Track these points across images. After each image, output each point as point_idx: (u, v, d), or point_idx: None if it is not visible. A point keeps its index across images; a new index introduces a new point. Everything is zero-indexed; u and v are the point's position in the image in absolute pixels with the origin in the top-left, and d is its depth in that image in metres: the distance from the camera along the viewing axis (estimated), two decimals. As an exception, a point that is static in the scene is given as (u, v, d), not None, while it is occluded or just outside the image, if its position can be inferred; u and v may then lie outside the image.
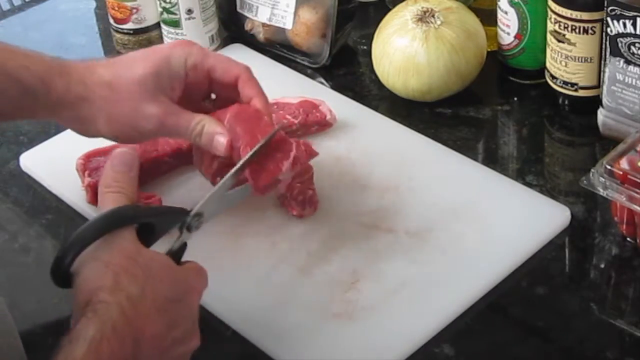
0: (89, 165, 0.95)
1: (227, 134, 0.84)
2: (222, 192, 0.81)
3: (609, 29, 0.95)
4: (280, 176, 0.86)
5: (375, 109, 1.08)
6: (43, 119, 0.88)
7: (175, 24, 1.16)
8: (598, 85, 1.01)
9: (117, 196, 0.73)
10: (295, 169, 0.87)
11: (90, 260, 0.68)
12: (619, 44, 0.95)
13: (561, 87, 1.04)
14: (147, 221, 0.72)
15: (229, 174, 0.81)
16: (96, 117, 0.84)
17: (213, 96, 0.90)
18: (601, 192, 0.85)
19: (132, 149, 0.79)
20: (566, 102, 1.05)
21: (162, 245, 0.75)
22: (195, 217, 0.77)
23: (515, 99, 1.10)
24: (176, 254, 0.75)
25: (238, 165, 0.82)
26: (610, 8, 0.93)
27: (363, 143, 1.01)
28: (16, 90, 0.82)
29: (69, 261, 0.68)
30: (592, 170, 0.85)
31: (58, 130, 1.03)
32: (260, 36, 1.20)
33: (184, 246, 0.76)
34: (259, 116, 0.86)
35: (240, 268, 0.87)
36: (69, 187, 0.97)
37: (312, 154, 0.88)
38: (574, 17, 0.99)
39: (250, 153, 0.83)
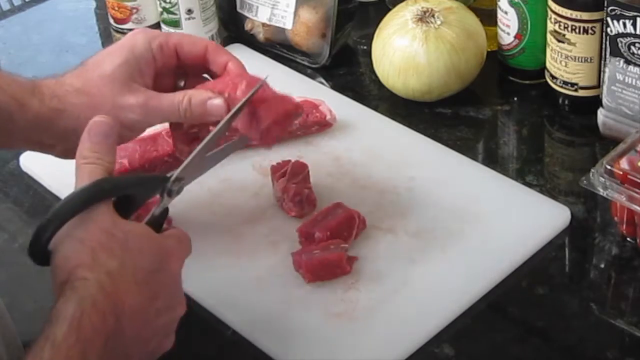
0: (89, 165, 0.95)
1: (218, 95, 0.82)
2: (202, 155, 0.79)
3: (609, 29, 0.95)
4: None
5: (375, 109, 1.08)
6: (21, 146, 0.87)
7: (175, 24, 1.16)
8: (598, 85, 1.01)
9: (94, 167, 0.71)
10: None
11: (67, 237, 0.67)
12: (619, 44, 0.95)
13: (561, 87, 1.04)
14: (125, 193, 0.71)
15: (208, 137, 0.79)
16: (77, 126, 0.80)
17: (182, 83, 0.88)
18: (601, 192, 0.85)
19: (109, 118, 0.75)
20: (566, 102, 1.05)
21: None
22: (176, 182, 0.76)
23: (515, 99, 1.10)
24: (157, 220, 0.74)
25: (219, 126, 0.80)
26: (610, 8, 0.94)
27: (363, 143, 1.01)
28: None
29: (47, 239, 0.67)
30: (592, 170, 0.85)
31: (58, 130, 1.03)
32: (260, 36, 1.21)
33: (165, 212, 0.75)
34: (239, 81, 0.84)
35: (240, 268, 0.87)
36: (69, 187, 0.96)
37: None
38: (574, 17, 0.99)
39: (234, 110, 0.80)
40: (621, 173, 0.84)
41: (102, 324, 0.63)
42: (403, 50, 1.05)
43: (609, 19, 0.94)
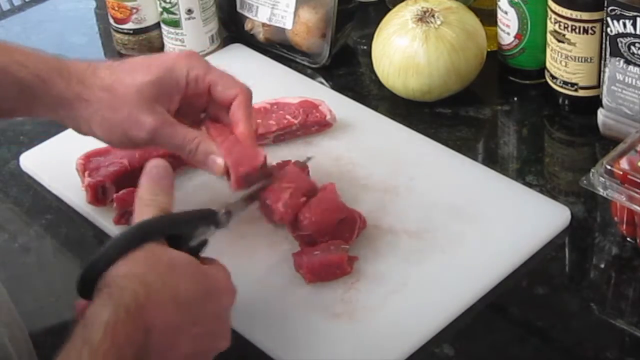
0: (89, 165, 0.95)
1: (223, 156, 0.84)
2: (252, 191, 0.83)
3: (609, 29, 0.95)
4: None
5: (375, 109, 1.08)
6: (40, 116, 0.88)
7: (175, 24, 1.16)
8: (598, 85, 1.01)
9: (150, 209, 0.72)
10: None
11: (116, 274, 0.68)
12: (619, 44, 0.95)
13: (561, 87, 1.04)
14: (175, 232, 0.72)
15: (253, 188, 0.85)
16: (92, 118, 0.84)
17: (203, 115, 0.89)
18: (601, 192, 0.85)
19: (165, 161, 0.78)
20: (566, 102, 1.05)
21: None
22: (225, 215, 0.78)
23: (515, 99, 1.10)
24: (196, 249, 0.75)
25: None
26: (610, 8, 0.94)
27: (363, 143, 1.01)
28: (14, 87, 0.82)
29: (95, 278, 0.67)
30: (592, 170, 0.85)
31: (58, 130, 1.03)
32: (260, 36, 1.21)
33: (205, 242, 0.76)
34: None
35: (240, 268, 0.87)
36: (69, 187, 0.97)
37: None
38: (574, 17, 0.99)
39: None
40: (621, 173, 0.84)
41: (134, 333, 0.64)
42: (403, 50, 1.05)
43: (609, 19, 0.94)
